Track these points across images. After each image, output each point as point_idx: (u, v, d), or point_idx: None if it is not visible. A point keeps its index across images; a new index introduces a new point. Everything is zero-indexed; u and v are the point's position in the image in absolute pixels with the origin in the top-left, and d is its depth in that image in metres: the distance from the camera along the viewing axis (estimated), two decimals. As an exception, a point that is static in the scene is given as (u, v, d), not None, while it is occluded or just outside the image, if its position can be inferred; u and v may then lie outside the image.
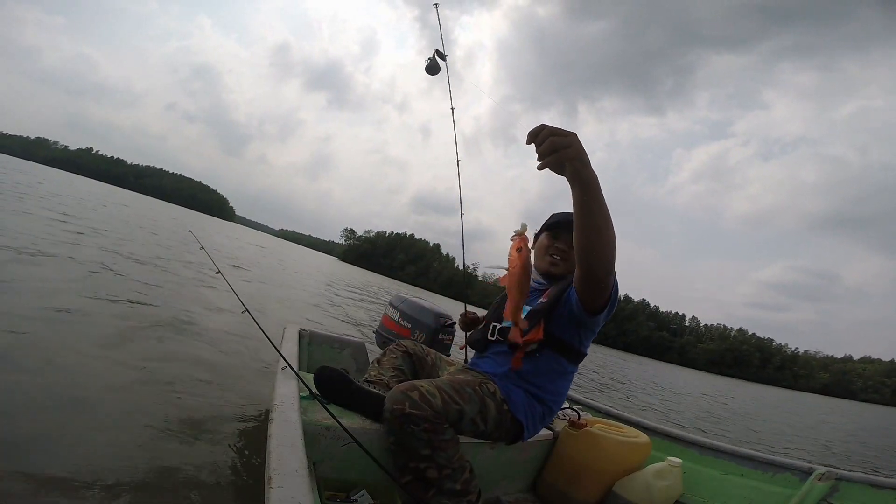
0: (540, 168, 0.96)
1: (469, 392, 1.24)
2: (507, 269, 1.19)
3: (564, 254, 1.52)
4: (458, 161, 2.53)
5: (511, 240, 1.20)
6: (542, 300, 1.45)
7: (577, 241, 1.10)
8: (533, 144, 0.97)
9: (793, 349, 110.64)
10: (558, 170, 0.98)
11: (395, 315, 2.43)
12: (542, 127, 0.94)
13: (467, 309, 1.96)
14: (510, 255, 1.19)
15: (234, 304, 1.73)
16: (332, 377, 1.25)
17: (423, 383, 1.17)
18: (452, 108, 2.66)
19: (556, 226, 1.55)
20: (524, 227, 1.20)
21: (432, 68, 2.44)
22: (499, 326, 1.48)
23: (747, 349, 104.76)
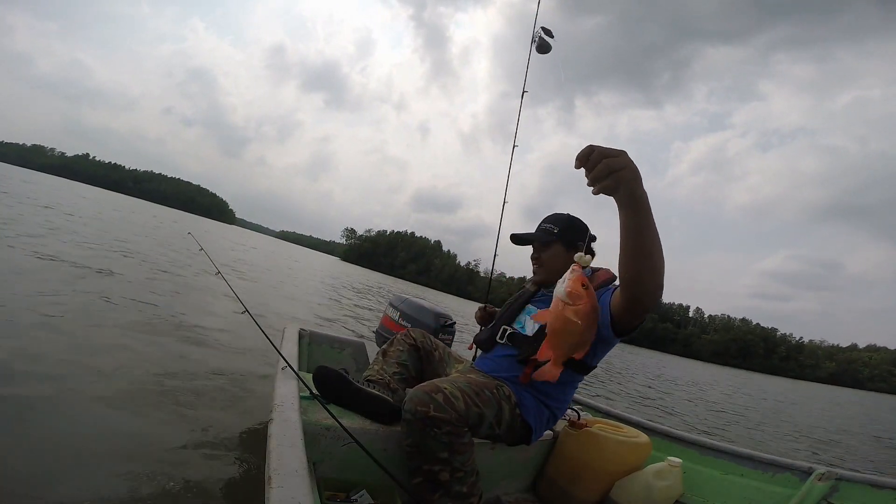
0: (595, 193, 0.87)
1: (488, 395, 1.23)
2: (566, 304, 0.90)
3: (538, 260, 1.53)
4: (504, 202, 2.33)
5: (573, 268, 0.93)
6: None
7: (625, 269, 0.99)
8: (583, 168, 0.87)
9: (797, 339, 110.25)
10: (611, 192, 0.88)
11: (395, 315, 2.43)
12: (592, 149, 0.85)
13: (488, 307, 1.89)
14: (570, 289, 0.90)
15: (235, 305, 1.73)
16: (329, 377, 1.25)
17: (445, 385, 1.15)
18: (525, 92, 2.29)
19: (514, 238, 1.61)
20: (584, 259, 0.95)
21: (544, 47, 2.21)
22: (509, 331, 1.46)
23: (752, 339, 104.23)
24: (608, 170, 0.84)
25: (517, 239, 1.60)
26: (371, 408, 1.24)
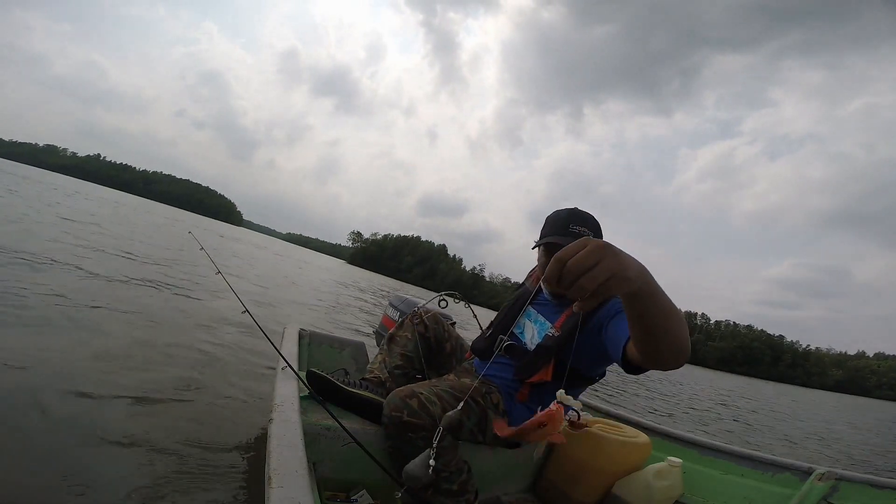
0: (583, 310, 0.63)
1: (471, 404, 1.19)
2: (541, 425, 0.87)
3: None
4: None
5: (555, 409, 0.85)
6: (553, 331, 1.28)
7: (642, 351, 0.83)
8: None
9: (804, 346, 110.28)
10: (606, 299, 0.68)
11: (395, 315, 2.44)
12: (560, 265, 0.59)
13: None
14: (549, 422, 0.85)
15: (236, 305, 1.73)
16: (317, 383, 1.25)
17: (423, 390, 1.14)
18: None
19: (551, 246, 1.32)
20: (564, 399, 0.87)
21: None
22: (506, 342, 1.36)
23: (758, 347, 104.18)
24: (592, 286, 0.59)
25: (553, 245, 1.30)
26: (362, 410, 1.24)
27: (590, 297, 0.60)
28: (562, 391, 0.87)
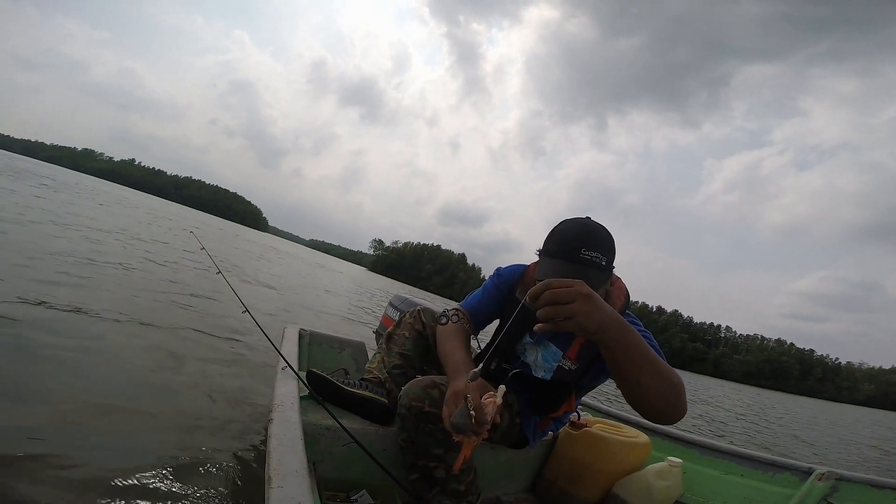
0: (540, 331, 0.75)
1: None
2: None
3: None
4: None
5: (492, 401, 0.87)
6: (568, 362, 1.19)
7: (627, 401, 0.86)
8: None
9: (834, 360, 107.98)
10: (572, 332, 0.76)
11: (396, 315, 2.43)
12: (543, 288, 0.73)
13: None
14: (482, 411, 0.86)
15: (237, 306, 1.73)
16: (317, 383, 1.25)
17: (442, 381, 1.12)
18: None
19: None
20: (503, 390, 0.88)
21: None
22: (514, 371, 1.24)
23: (787, 360, 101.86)
24: (553, 317, 0.72)
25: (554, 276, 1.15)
26: (363, 409, 1.24)
27: (550, 325, 0.73)
28: (502, 387, 0.88)
